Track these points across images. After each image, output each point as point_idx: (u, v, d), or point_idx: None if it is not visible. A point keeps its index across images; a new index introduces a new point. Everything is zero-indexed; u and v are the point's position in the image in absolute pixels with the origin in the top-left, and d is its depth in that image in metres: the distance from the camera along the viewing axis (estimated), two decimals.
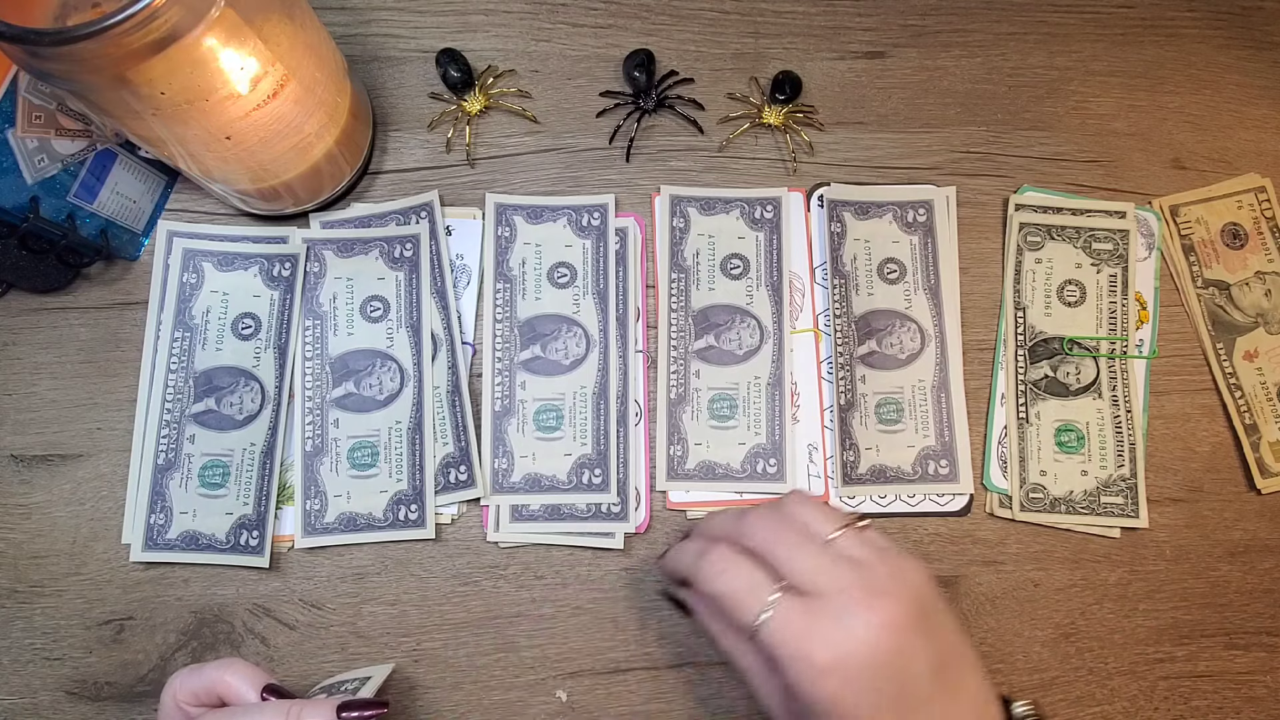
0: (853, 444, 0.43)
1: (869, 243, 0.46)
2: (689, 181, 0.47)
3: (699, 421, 0.44)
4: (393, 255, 0.45)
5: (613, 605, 0.42)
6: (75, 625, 0.41)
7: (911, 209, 0.46)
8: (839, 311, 0.45)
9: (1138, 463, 0.44)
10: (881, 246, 0.46)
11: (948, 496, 0.44)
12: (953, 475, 0.44)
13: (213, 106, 0.34)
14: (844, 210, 0.46)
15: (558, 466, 0.43)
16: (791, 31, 0.49)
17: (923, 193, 0.47)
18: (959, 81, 0.49)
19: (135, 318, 0.44)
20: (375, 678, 0.36)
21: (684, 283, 0.45)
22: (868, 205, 0.46)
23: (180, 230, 0.45)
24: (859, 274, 0.45)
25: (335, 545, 0.42)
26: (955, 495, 0.44)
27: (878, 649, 0.30)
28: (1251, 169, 0.49)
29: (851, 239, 0.46)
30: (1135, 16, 0.51)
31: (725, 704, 0.41)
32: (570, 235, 0.45)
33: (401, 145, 0.47)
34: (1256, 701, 0.43)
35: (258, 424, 0.42)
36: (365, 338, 0.44)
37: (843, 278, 0.45)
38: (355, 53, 0.48)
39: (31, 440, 0.43)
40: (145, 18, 0.28)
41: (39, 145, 0.40)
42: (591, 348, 0.44)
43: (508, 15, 0.49)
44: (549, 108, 0.48)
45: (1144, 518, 0.44)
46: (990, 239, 0.47)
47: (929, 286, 0.46)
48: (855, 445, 0.43)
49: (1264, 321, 0.47)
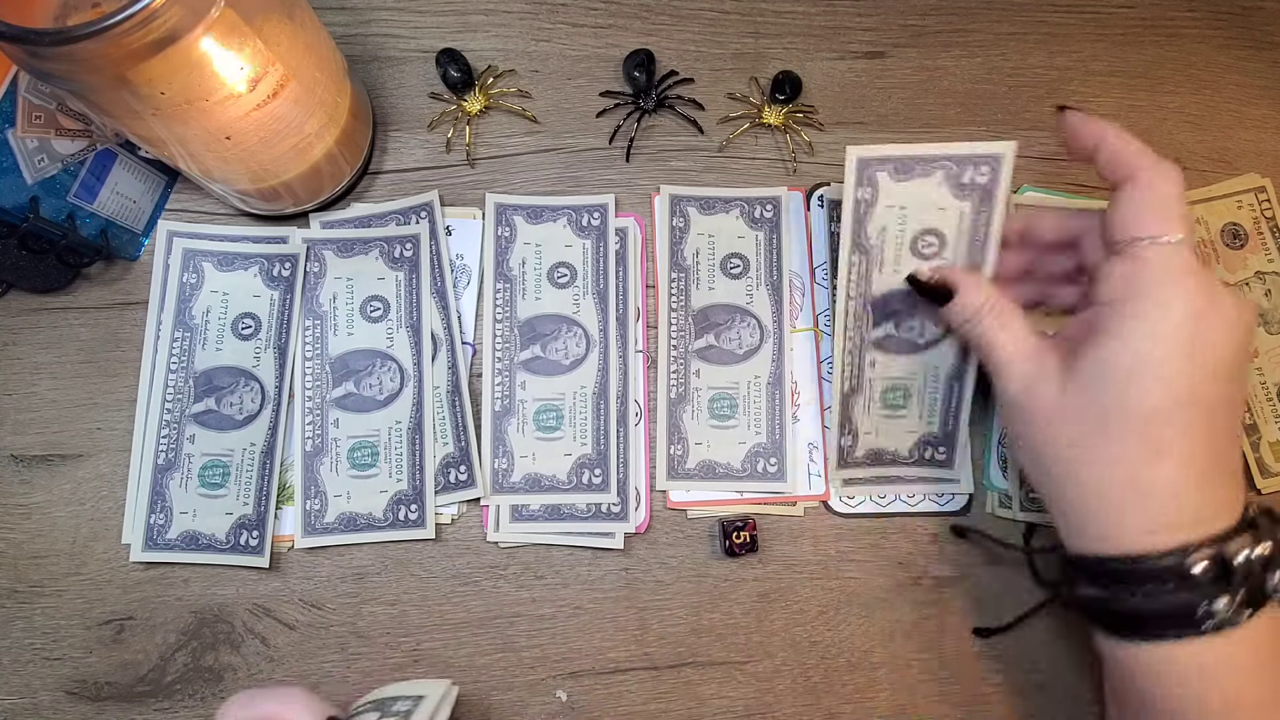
0: (852, 429, 0.43)
1: (904, 209, 0.40)
2: (689, 181, 0.47)
3: (699, 421, 0.44)
4: (393, 255, 0.45)
5: (613, 605, 0.42)
6: (75, 625, 0.41)
7: (973, 165, 0.39)
8: (853, 293, 0.41)
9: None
10: (919, 216, 0.40)
11: (947, 496, 0.44)
12: (949, 461, 0.44)
13: (213, 106, 0.34)
14: (879, 171, 0.40)
15: (558, 466, 0.43)
16: (791, 31, 0.49)
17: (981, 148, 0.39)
18: (959, 81, 0.49)
19: (135, 318, 0.44)
20: (430, 698, 0.33)
21: (684, 282, 0.45)
22: (911, 163, 0.40)
23: (180, 230, 0.45)
24: (886, 249, 0.41)
25: (335, 545, 0.42)
26: (955, 495, 0.44)
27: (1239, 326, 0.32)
28: (1251, 169, 0.49)
29: (884, 206, 0.40)
30: (1135, 16, 0.51)
31: (725, 704, 0.41)
32: (570, 235, 0.45)
33: (401, 145, 0.47)
34: None
35: (258, 424, 0.42)
36: (365, 338, 0.44)
37: (864, 253, 0.41)
38: (355, 53, 0.48)
39: (31, 440, 0.43)
40: (145, 18, 0.28)
41: (39, 145, 0.40)
42: (591, 348, 0.44)
43: (508, 15, 0.49)
44: (549, 108, 0.48)
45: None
46: None
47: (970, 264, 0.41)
48: (854, 430, 0.43)
49: (1264, 321, 0.47)
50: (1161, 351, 0.31)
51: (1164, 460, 0.31)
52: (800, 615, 0.42)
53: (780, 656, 0.42)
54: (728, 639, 0.42)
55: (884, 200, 0.40)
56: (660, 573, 0.43)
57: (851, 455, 0.43)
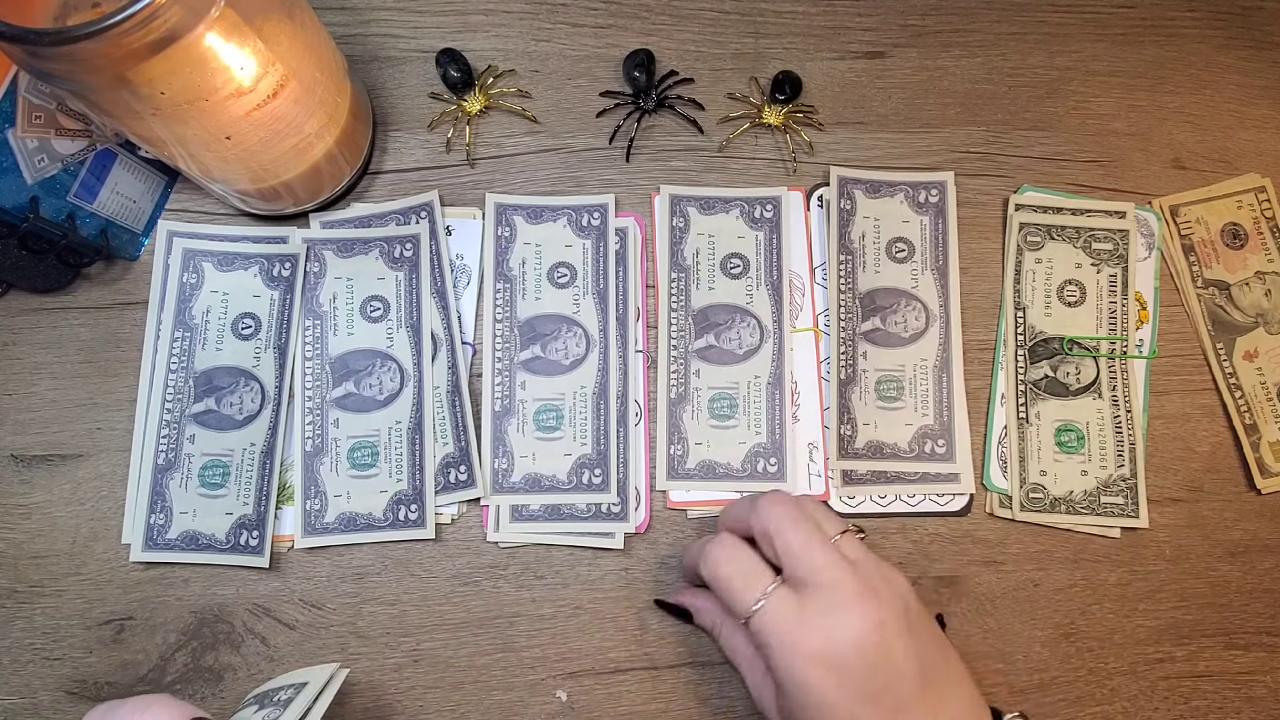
0: (850, 419, 0.43)
1: (878, 221, 0.46)
2: (689, 181, 0.47)
3: (699, 421, 0.44)
4: (393, 255, 0.45)
5: (613, 605, 0.42)
6: (75, 625, 0.41)
7: (924, 189, 0.47)
8: (844, 287, 0.45)
9: (1138, 463, 0.44)
10: (889, 226, 0.46)
11: (948, 496, 0.44)
12: (949, 455, 0.44)
13: (213, 106, 0.34)
14: (855, 188, 0.47)
15: (558, 466, 0.43)
16: (791, 31, 0.49)
17: (929, 176, 0.48)
18: (959, 81, 0.49)
19: (135, 318, 0.44)
20: (313, 683, 0.33)
21: (684, 282, 0.45)
22: (879, 184, 0.47)
23: (180, 230, 0.45)
24: (866, 252, 0.46)
25: (335, 545, 0.42)
26: (955, 495, 0.44)
27: (865, 643, 0.31)
28: (1251, 169, 0.49)
29: (861, 216, 0.46)
30: (1135, 16, 0.51)
31: (725, 704, 0.41)
32: (570, 235, 0.45)
33: (401, 145, 0.47)
34: (1256, 701, 0.43)
35: (258, 424, 0.42)
36: (365, 338, 0.44)
37: (849, 254, 0.46)
38: (355, 53, 0.48)
39: (31, 440, 0.43)
40: (145, 18, 0.28)
41: (39, 145, 0.40)
42: (591, 348, 0.44)
43: (508, 15, 0.49)
44: (549, 108, 0.48)
45: (1144, 518, 0.44)
46: (990, 239, 0.47)
47: (937, 267, 0.46)
48: (853, 420, 0.43)
49: (1264, 321, 0.47)
50: (804, 678, 0.32)
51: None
52: None
53: None
54: None
55: (861, 212, 0.46)
56: (660, 573, 0.43)
57: (851, 446, 0.43)
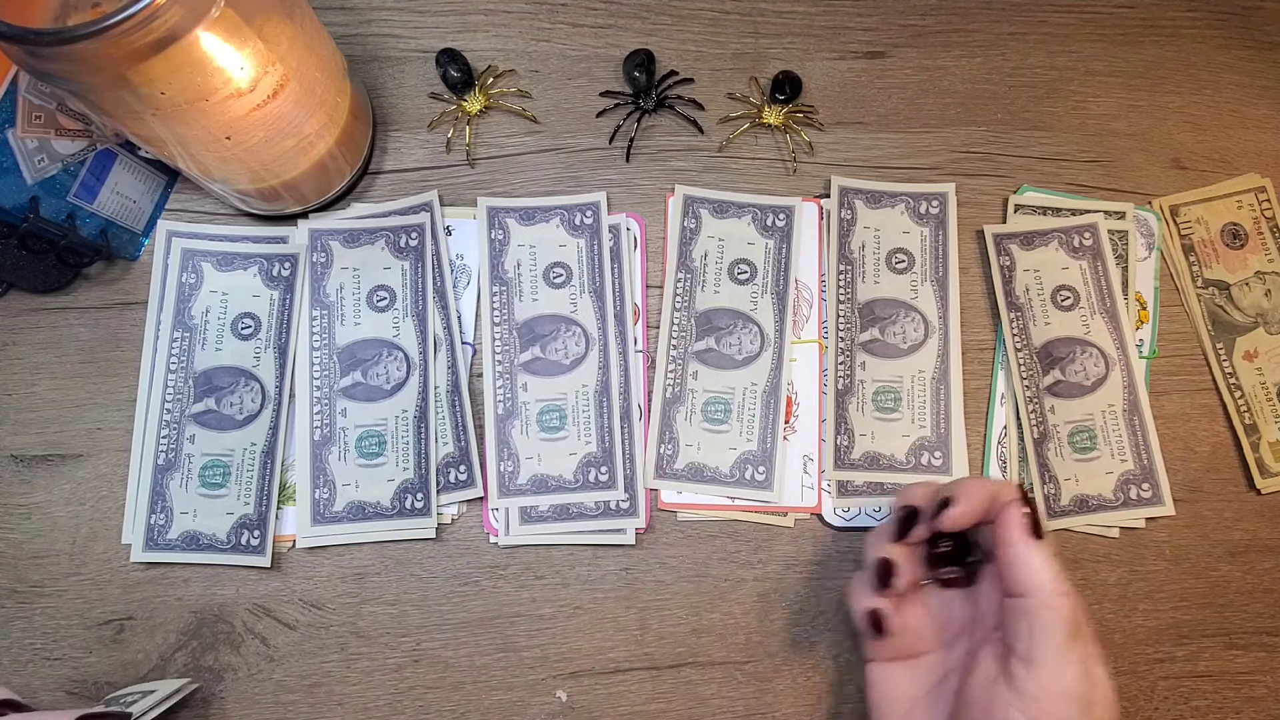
0: (847, 429, 0.43)
1: (878, 231, 0.46)
2: (689, 181, 0.47)
3: (692, 423, 0.44)
4: (398, 245, 0.45)
5: (613, 605, 0.42)
6: (75, 625, 0.41)
7: (925, 200, 0.47)
8: (843, 297, 0.45)
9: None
10: (890, 237, 0.46)
11: None
12: (945, 467, 0.44)
13: (213, 106, 0.34)
14: (856, 198, 0.46)
15: (563, 466, 0.43)
16: (791, 31, 0.49)
17: (930, 188, 0.47)
18: (959, 81, 0.49)
19: (135, 318, 0.44)
20: (160, 692, 0.37)
21: (689, 284, 0.45)
22: (879, 195, 0.47)
23: (180, 230, 0.45)
24: (866, 262, 0.46)
25: (336, 545, 0.42)
26: None
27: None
28: (1251, 169, 0.49)
29: (862, 226, 0.46)
30: (1135, 16, 0.51)
31: (725, 704, 0.41)
32: (564, 235, 0.45)
33: (401, 145, 0.47)
34: (1256, 701, 0.43)
35: (258, 424, 0.42)
36: (372, 327, 0.44)
37: (849, 264, 0.45)
38: (355, 53, 0.48)
39: (31, 440, 0.43)
40: (145, 18, 0.28)
41: (39, 145, 0.40)
42: (591, 346, 0.44)
43: (508, 15, 0.49)
44: (549, 108, 0.48)
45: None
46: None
47: (937, 279, 0.46)
48: (850, 430, 0.43)
49: (1264, 321, 0.47)
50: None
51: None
52: (800, 615, 0.42)
53: (780, 656, 0.42)
54: (728, 639, 0.42)
55: (861, 222, 0.46)
56: (660, 573, 0.43)
57: (848, 457, 0.43)
